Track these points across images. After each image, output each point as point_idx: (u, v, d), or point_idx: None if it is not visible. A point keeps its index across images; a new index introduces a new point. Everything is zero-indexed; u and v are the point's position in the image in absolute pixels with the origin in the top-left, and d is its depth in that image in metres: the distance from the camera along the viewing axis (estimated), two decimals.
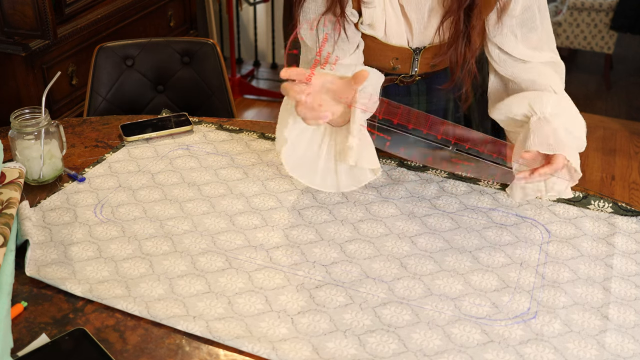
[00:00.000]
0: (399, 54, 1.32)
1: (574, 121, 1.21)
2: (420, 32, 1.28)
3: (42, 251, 1.17)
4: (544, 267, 1.16)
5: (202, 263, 1.15)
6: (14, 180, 1.25)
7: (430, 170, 1.42)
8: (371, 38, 1.29)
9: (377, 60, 1.35)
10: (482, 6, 1.20)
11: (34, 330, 1.01)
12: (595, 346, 1.00)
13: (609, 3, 3.93)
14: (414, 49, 1.31)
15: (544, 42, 1.28)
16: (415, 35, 1.28)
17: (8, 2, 2.25)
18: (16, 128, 1.35)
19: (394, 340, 1.00)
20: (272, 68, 4.34)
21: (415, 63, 1.33)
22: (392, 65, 1.35)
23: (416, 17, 1.26)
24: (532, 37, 1.26)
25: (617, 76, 4.29)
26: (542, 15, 1.26)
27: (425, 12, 1.25)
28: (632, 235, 1.23)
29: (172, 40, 2.05)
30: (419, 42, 1.30)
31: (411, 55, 1.32)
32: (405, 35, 1.29)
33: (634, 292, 1.10)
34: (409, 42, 1.30)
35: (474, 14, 1.21)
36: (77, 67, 2.47)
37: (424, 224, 1.26)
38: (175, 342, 1.00)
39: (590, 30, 4.04)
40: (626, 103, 3.98)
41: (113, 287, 1.09)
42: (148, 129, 1.56)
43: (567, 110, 1.22)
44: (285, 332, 1.01)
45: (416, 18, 1.26)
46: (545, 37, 1.28)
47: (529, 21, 1.25)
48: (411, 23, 1.27)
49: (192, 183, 1.38)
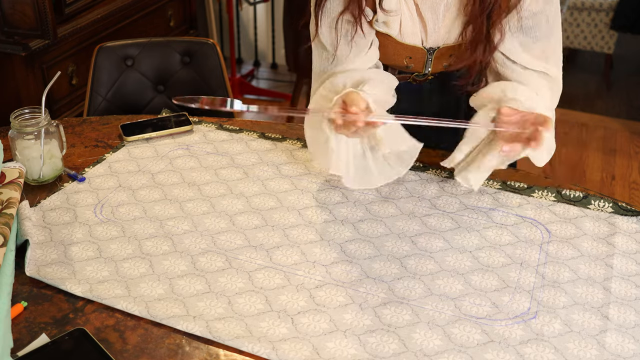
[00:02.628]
0: (413, 54, 1.32)
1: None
2: (435, 31, 1.28)
3: (42, 251, 1.17)
4: (544, 267, 1.16)
5: (202, 263, 1.15)
6: (14, 180, 1.25)
7: (430, 170, 1.42)
8: (385, 36, 1.30)
9: (391, 59, 1.35)
10: (500, 7, 1.20)
11: (34, 330, 1.01)
12: (595, 346, 1.00)
13: (609, 3, 3.93)
14: (428, 49, 1.31)
15: (549, 56, 1.27)
16: (429, 35, 1.28)
17: (8, 1, 2.25)
18: (16, 128, 1.35)
19: (394, 340, 1.00)
20: (272, 68, 4.33)
21: (429, 63, 1.33)
22: (405, 64, 1.35)
23: (431, 17, 1.26)
24: (536, 46, 1.25)
25: (617, 76, 4.29)
26: (550, 27, 1.25)
27: (440, 13, 1.25)
28: (633, 235, 1.23)
29: (172, 40, 2.05)
30: (433, 42, 1.30)
31: (425, 55, 1.32)
32: (420, 35, 1.29)
33: (634, 292, 1.10)
34: (423, 41, 1.30)
35: (494, 16, 1.20)
36: (77, 67, 2.47)
37: (424, 224, 1.26)
38: (175, 342, 1.00)
39: (590, 30, 4.04)
40: (626, 103, 3.98)
41: (113, 287, 1.09)
42: (148, 129, 1.56)
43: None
44: (285, 332, 1.01)
45: (431, 18, 1.26)
46: (552, 51, 1.27)
47: (535, 29, 1.24)
48: (426, 22, 1.27)
49: (192, 183, 1.38)
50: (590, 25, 4.03)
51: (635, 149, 3.45)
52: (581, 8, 3.99)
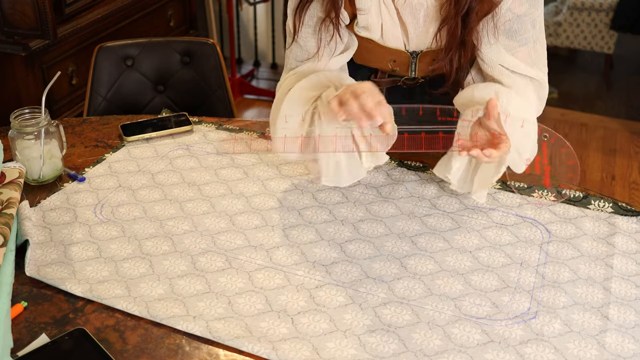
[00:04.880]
0: (397, 57, 1.32)
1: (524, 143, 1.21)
2: (416, 36, 1.28)
3: (42, 251, 1.17)
4: (544, 267, 1.16)
5: (202, 263, 1.15)
6: (14, 180, 1.25)
7: (430, 170, 1.42)
8: (368, 40, 1.30)
9: (375, 62, 1.35)
10: (478, 11, 1.20)
11: (34, 330, 1.01)
12: (595, 346, 1.00)
13: (609, 3, 3.93)
14: (411, 53, 1.31)
15: (534, 60, 1.27)
16: (411, 39, 1.29)
17: (8, 1, 2.25)
18: (16, 128, 1.35)
19: (394, 340, 1.00)
20: (272, 68, 4.33)
21: (413, 66, 1.34)
22: (390, 68, 1.35)
23: (411, 21, 1.26)
24: (521, 50, 1.25)
25: (617, 76, 4.29)
26: (536, 32, 1.25)
27: (420, 17, 1.25)
28: (633, 235, 1.23)
29: (172, 40, 2.05)
30: (415, 46, 1.30)
31: (408, 58, 1.32)
32: (402, 39, 1.29)
33: (634, 292, 1.10)
34: (405, 45, 1.30)
35: (471, 19, 1.21)
36: (77, 67, 2.47)
37: (424, 224, 1.26)
38: (175, 342, 1.00)
39: (590, 30, 4.04)
40: (626, 103, 3.98)
41: (113, 287, 1.09)
42: (148, 129, 1.56)
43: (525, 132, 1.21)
44: (285, 332, 1.01)
45: (412, 22, 1.26)
46: (535, 55, 1.26)
47: (520, 32, 1.23)
48: (407, 27, 1.27)
49: (192, 183, 1.38)
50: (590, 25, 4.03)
51: (635, 149, 3.45)
52: (581, 8, 4.00)
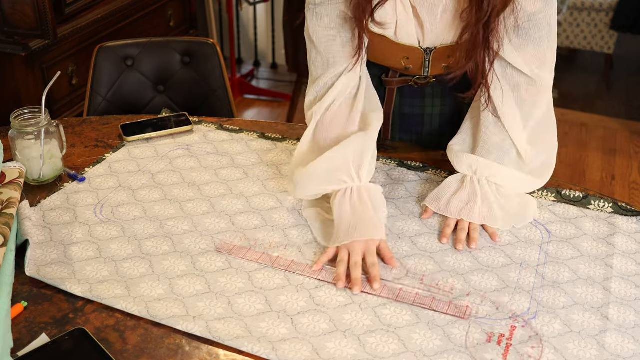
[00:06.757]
0: (410, 54, 1.31)
1: (507, 198, 1.28)
2: (432, 32, 1.26)
3: (42, 251, 1.17)
4: (544, 267, 1.16)
5: (202, 263, 1.15)
6: (14, 180, 1.25)
7: (430, 170, 1.42)
8: (381, 37, 1.28)
9: (388, 60, 1.34)
10: (500, 10, 1.19)
11: (34, 330, 1.01)
12: (595, 346, 1.00)
13: (609, 3, 3.93)
14: (425, 49, 1.30)
15: (545, 60, 1.26)
16: (426, 35, 1.27)
17: (8, 1, 2.25)
18: (16, 128, 1.35)
19: (394, 340, 1.00)
20: (272, 68, 4.34)
21: (427, 63, 1.32)
22: (403, 65, 1.33)
23: (428, 18, 1.24)
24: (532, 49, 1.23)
25: (617, 76, 4.29)
26: (550, 30, 1.24)
27: (437, 14, 1.24)
28: (632, 235, 1.23)
29: (172, 40, 2.05)
30: (430, 43, 1.29)
31: (422, 55, 1.31)
32: (416, 35, 1.28)
33: (634, 292, 1.10)
34: (419, 42, 1.29)
35: (492, 20, 1.19)
36: (77, 67, 2.47)
37: (424, 224, 1.26)
38: (175, 342, 1.00)
39: (590, 30, 4.04)
40: (626, 103, 3.98)
41: (113, 287, 1.09)
42: (148, 129, 1.56)
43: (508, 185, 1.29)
44: (285, 332, 1.01)
45: (428, 18, 1.24)
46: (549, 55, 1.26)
47: (535, 30, 1.22)
48: (423, 23, 1.25)
49: (192, 183, 1.38)
50: (590, 25, 4.03)
51: (635, 149, 3.45)
52: (581, 8, 3.99)
